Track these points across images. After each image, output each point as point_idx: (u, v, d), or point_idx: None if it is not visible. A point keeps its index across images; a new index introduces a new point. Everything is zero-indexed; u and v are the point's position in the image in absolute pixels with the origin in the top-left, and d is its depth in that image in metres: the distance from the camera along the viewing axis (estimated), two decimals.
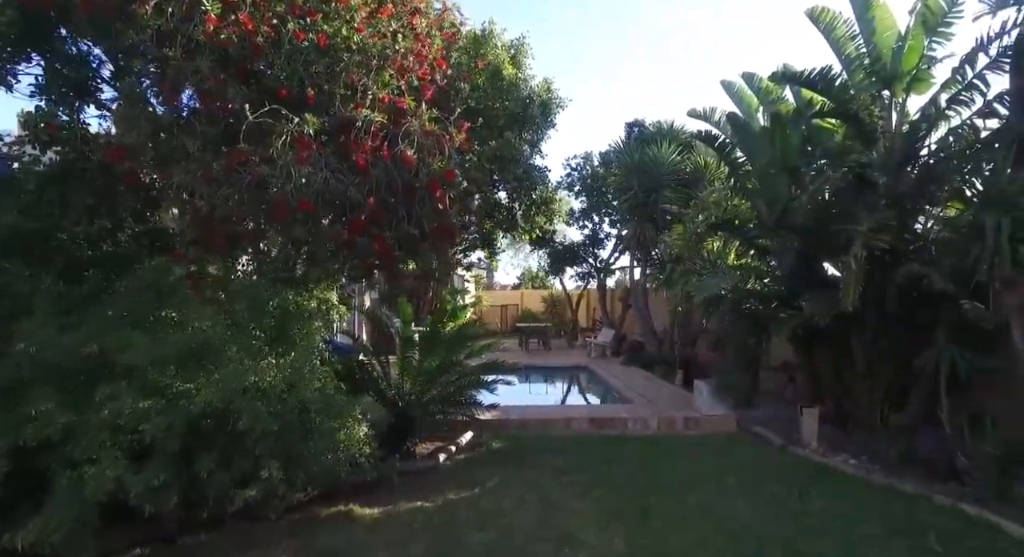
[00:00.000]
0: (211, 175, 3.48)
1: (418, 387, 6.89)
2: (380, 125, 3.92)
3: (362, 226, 3.68)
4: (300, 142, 3.46)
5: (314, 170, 3.63)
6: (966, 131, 5.98)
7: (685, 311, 11.43)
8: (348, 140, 3.71)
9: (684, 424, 7.58)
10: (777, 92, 7.84)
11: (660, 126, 14.09)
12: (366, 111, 3.85)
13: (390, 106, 4.06)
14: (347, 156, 3.77)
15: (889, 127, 6.29)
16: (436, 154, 3.86)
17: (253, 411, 3.63)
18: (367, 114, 3.83)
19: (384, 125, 3.94)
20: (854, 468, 5.71)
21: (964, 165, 5.28)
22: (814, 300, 6.04)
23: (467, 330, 7.04)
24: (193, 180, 3.45)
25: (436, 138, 3.88)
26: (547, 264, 19.41)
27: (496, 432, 7.40)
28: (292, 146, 3.44)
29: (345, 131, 3.82)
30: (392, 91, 4.14)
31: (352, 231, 3.68)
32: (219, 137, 3.84)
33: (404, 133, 3.84)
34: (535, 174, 8.49)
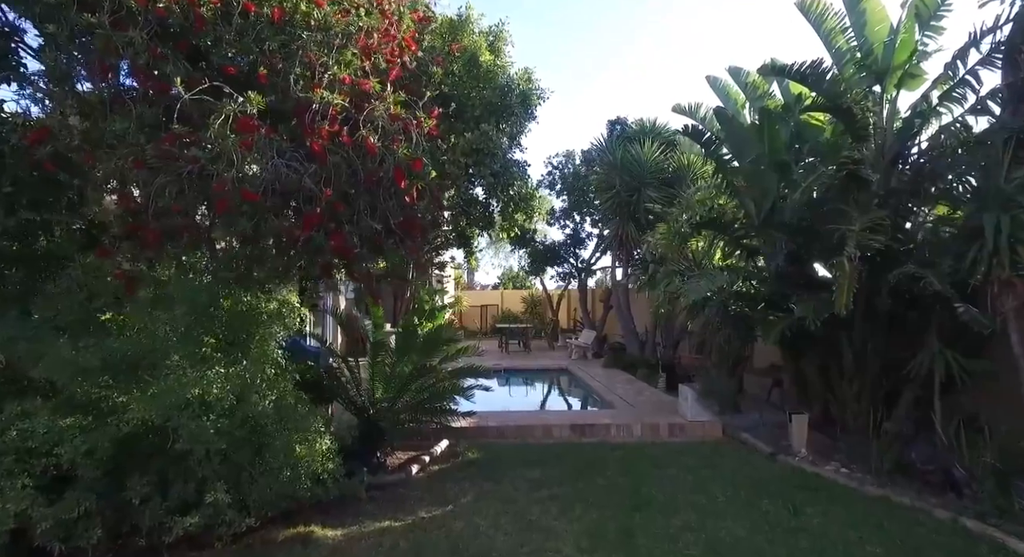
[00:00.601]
0: (143, 161, 3.04)
1: (390, 394, 6.48)
2: (340, 108, 3.52)
3: (318, 220, 3.28)
4: (243, 123, 3.04)
5: (262, 157, 3.22)
6: (958, 128, 5.78)
7: (668, 313, 11.19)
8: (303, 124, 3.31)
9: (668, 431, 7.30)
10: (764, 87, 7.62)
11: (643, 124, 13.86)
12: (324, 92, 3.44)
13: (352, 88, 3.66)
14: (301, 142, 3.36)
15: (880, 123, 6.08)
16: (402, 141, 3.47)
17: (194, 428, 3.21)
18: (324, 95, 3.43)
19: (345, 109, 3.53)
20: (846, 478, 5.47)
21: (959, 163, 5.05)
22: (805, 302, 5.79)
23: (443, 333, 6.65)
24: (124, 166, 3.02)
25: (403, 123, 3.48)
26: (527, 264, 19.04)
27: (473, 440, 7.03)
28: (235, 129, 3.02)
29: (300, 115, 3.41)
30: (355, 72, 3.74)
31: (306, 226, 3.28)
32: (157, 119, 3.39)
33: (367, 117, 3.44)
34: (514, 169, 8.07)
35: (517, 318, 22.30)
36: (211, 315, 3.99)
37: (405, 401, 6.50)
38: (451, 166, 5.45)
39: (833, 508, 4.70)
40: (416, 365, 6.48)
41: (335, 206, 3.30)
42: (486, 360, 15.21)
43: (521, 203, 8.91)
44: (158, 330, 3.66)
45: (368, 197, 3.52)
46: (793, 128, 6.94)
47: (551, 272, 19.15)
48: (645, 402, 8.88)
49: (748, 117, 7.83)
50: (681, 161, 12.49)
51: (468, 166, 6.51)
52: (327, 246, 3.29)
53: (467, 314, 25.59)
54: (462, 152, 6.19)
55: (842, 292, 5.19)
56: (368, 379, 6.57)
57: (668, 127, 13.70)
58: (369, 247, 3.61)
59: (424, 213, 3.85)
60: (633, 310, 14.25)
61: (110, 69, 3.30)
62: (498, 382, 13.41)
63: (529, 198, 9.42)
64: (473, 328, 24.42)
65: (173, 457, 3.30)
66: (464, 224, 8.45)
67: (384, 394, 6.52)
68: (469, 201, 7.94)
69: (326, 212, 3.29)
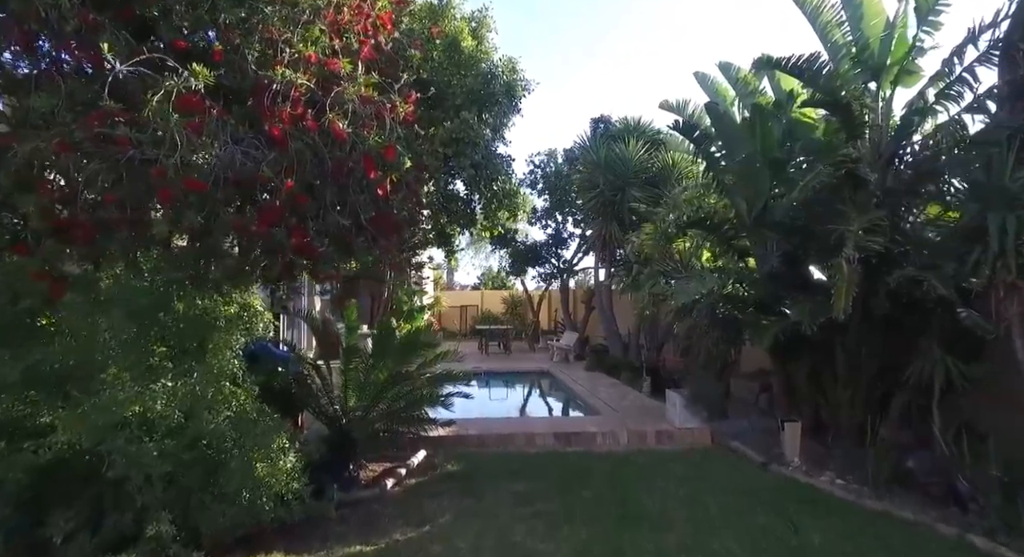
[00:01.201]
0: (70, 143, 2.61)
1: (364, 402, 6.08)
2: (305, 90, 3.12)
3: (276, 214, 2.88)
4: (186, 101, 2.63)
5: (213, 141, 2.81)
6: (956, 127, 5.60)
7: (652, 314, 10.96)
8: (261, 106, 2.91)
9: (656, 438, 7.02)
10: (755, 84, 7.39)
11: (627, 122, 13.63)
12: (286, 70, 3.05)
13: (319, 68, 3.27)
14: (260, 127, 2.96)
15: (876, 121, 5.88)
16: (374, 127, 3.10)
17: (133, 451, 2.79)
18: (287, 74, 3.03)
19: (310, 90, 3.14)
20: (842, 490, 5.24)
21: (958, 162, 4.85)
22: (800, 305, 5.56)
23: (420, 337, 6.27)
24: (45, 149, 2.58)
25: (375, 107, 3.11)
26: (508, 264, 18.69)
27: (453, 450, 6.66)
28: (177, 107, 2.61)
29: (258, 95, 3.01)
30: (322, 50, 3.35)
31: (264, 220, 2.88)
32: (93, 97, 2.96)
33: (335, 100, 3.06)
34: (496, 161, 7.68)
35: (497, 319, 21.95)
36: (159, 321, 3.55)
37: (380, 410, 6.11)
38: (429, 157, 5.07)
39: (832, 524, 4.45)
40: (392, 371, 6.09)
41: (297, 199, 2.91)
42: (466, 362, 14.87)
43: (505, 200, 8.51)
44: (96, 338, 3.22)
45: (336, 190, 3.13)
46: (785, 126, 6.73)
47: (532, 273, 18.85)
48: (630, 407, 8.61)
49: (738, 115, 7.60)
50: (666, 160, 12.28)
51: (447, 157, 6.09)
52: (288, 244, 2.90)
53: (446, 315, 25.16)
54: (441, 142, 5.78)
55: (840, 295, 4.96)
56: (340, 386, 6.16)
57: (653, 126, 13.50)
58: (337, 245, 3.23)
59: (399, 208, 3.48)
60: (616, 311, 14.01)
61: (32, 37, 2.85)
62: (478, 385, 13.07)
63: (513, 194, 9.01)
64: (453, 329, 24.00)
65: (109, 484, 2.87)
66: (444, 221, 8.04)
67: (358, 402, 6.11)
68: (449, 197, 7.53)
69: (287, 205, 2.90)
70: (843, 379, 6.39)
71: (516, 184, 8.89)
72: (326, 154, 3.06)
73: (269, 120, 2.84)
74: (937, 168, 5.30)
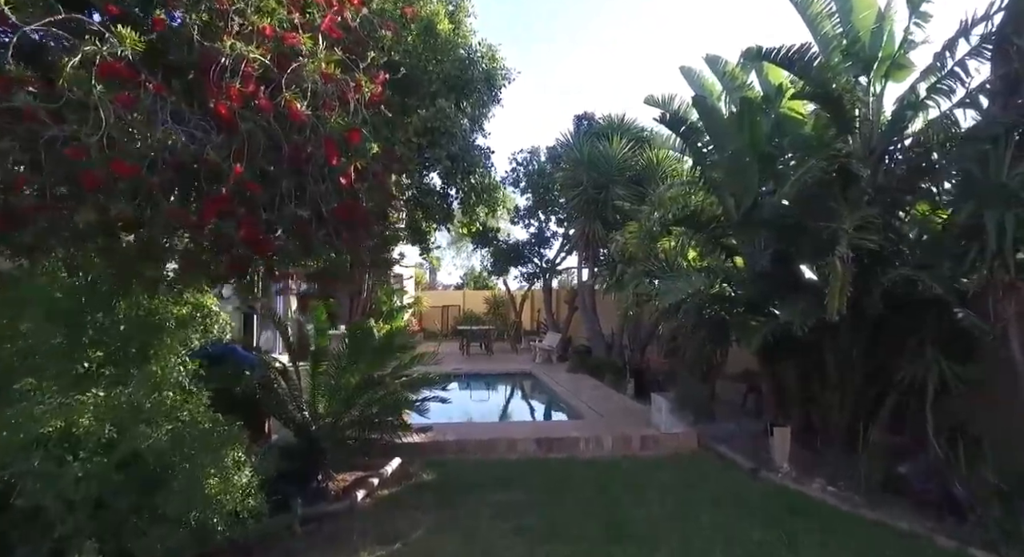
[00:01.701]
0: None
1: (334, 408, 5.73)
2: (259, 66, 2.78)
3: (222, 203, 2.53)
4: (109, 69, 2.28)
5: (148, 119, 2.46)
6: (949, 122, 5.45)
7: (636, 315, 10.74)
8: (206, 82, 2.56)
9: (641, 443, 6.78)
10: (743, 78, 7.20)
11: (611, 120, 13.40)
12: (236, 42, 2.70)
13: (275, 42, 2.93)
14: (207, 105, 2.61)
15: (866, 116, 5.71)
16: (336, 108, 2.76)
17: (47, 475, 2.43)
18: (237, 46, 2.69)
19: (265, 66, 2.80)
20: (835, 498, 5.04)
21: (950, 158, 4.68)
22: (790, 306, 5.36)
23: (395, 339, 5.93)
24: None
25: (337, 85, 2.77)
26: (490, 264, 18.37)
27: (430, 457, 6.33)
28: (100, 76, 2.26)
29: (204, 70, 2.66)
30: (280, 23, 3.01)
31: (207, 210, 2.53)
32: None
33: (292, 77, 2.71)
34: (474, 154, 7.31)
35: (479, 319, 21.61)
36: (95, 323, 3.18)
37: (352, 416, 5.76)
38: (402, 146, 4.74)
39: (828, 536, 4.22)
40: (364, 375, 5.75)
41: (248, 186, 2.56)
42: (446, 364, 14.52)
43: (483, 194, 8.14)
44: (16, 342, 2.84)
45: (294, 177, 2.79)
46: (773, 121, 6.54)
47: (514, 272, 18.55)
48: (614, 410, 8.36)
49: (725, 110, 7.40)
50: (651, 158, 12.09)
51: (422, 147, 5.74)
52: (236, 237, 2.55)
53: (428, 315, 24.74)
54: (415, 131, 5.43)
55: (834, 295, 4.76)
56: (309, 392, 5.80)
57: (637, 123, 13.30)
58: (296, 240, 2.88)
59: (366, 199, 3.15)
60: (599, 312, 13.80)
61: None
62: (459, 387, 12.73)
63: (492, 189, 8.63)
64: (434, 329, 23.60)
65: (21, 512, 2.50)
66: (420, 217, 7.66)
67: (328, 408, 5.77)
68: (425, 191, 7.16)
69: (235, 194, 2.56)
70: (832, 381, 6.21)
71: (496, 179, 8.51)
72: (282, 138, 2.72)
73: (216, 97, 2.49)
74: (931, 164, 5.13)
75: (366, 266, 3.69)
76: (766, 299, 6.02)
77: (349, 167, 2.82)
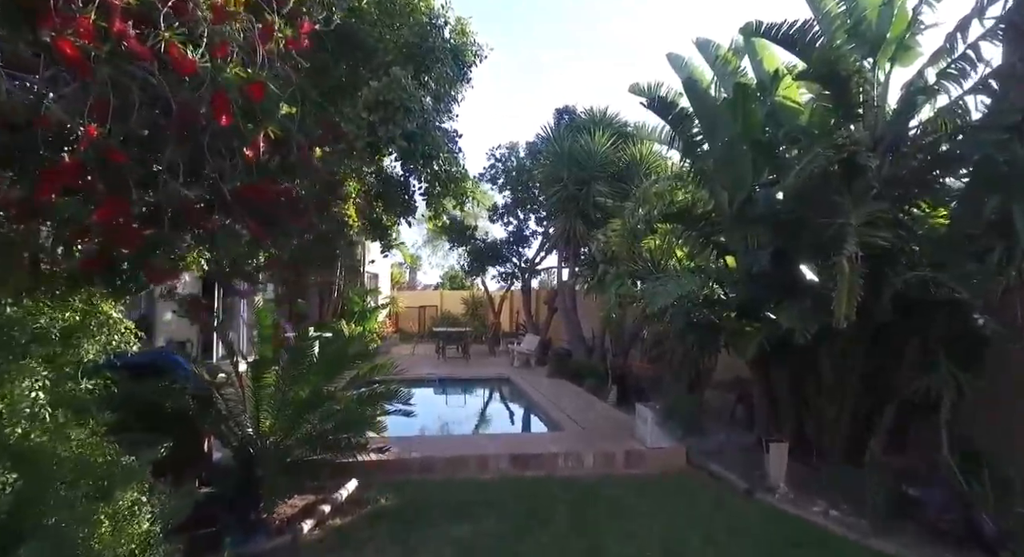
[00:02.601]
0: None
1: (280, 425, 5.05)
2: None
3: (67, 176, 1.86)
4: None
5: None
6: (961, 110, 4.98)
7: (618, 317, 10.21)
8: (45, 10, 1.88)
9: (625, 460, 6.21)
10: (735, 63, 6.67)
11: (593, 113, 12.87)
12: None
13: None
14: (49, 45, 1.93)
15: (872, 102, 5.22)
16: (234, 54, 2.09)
17: None
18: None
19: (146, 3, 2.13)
20: (839, 524, 4.53)
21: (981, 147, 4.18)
22: (790, 310, 4.83)
23: (351, 347, 5.26)
24: None
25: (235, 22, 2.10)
26: (467, 263, 17.71)
27: (391, 477, 5.67)
28: None
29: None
30: None
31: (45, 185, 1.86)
32: None
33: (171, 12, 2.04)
34: (435, 134, 6.55)
35: (457, 320, 20.93)
36: None
37: (301, 435, 5.09)
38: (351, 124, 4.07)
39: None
40: (316, 388, 5.07)
41: (109, 155, 1.90)
42: (420, 368, 13.85)
43: (450, 184, 7.42)
44: None
45: (186, 147, 2.14)
46: (768, 110, 6.04)
47: (492, 272, 17.93)
48: (596, 420, 7.79)
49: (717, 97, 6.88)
50: (634, 154, 11.60)
51: (374, 126, 5.04)
52: (89, 221, 1.89)
53: (404, 316, 24.00)
54: (366, 105, 4.74)
55: (842, 299, 4.23)
56: (252, 407, 5.11)
57: (620, 118, 12.80)
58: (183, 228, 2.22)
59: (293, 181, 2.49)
60: (580, 313, 13.26)
61: None
62: (434, 391, 12.07)
63: (460, 179, 7.90)
64: (411, 331, 22.87)
65: None
66: (379, 209, 6.94)
67: (273, 426, 5.08)
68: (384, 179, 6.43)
69: (90, 164, 1.89)
70: (829, 391, 5.73)
71: (464, 167, 7.80)
72: (168, 93, 2.05)
73: (56, 31, 1.83)
74: (947, 155, 4.65)
75: (288, 265, 3.02)
76: (761, 302, 5.50)
77: (257, 135, 2.17)
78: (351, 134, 4.31)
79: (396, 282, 32.19)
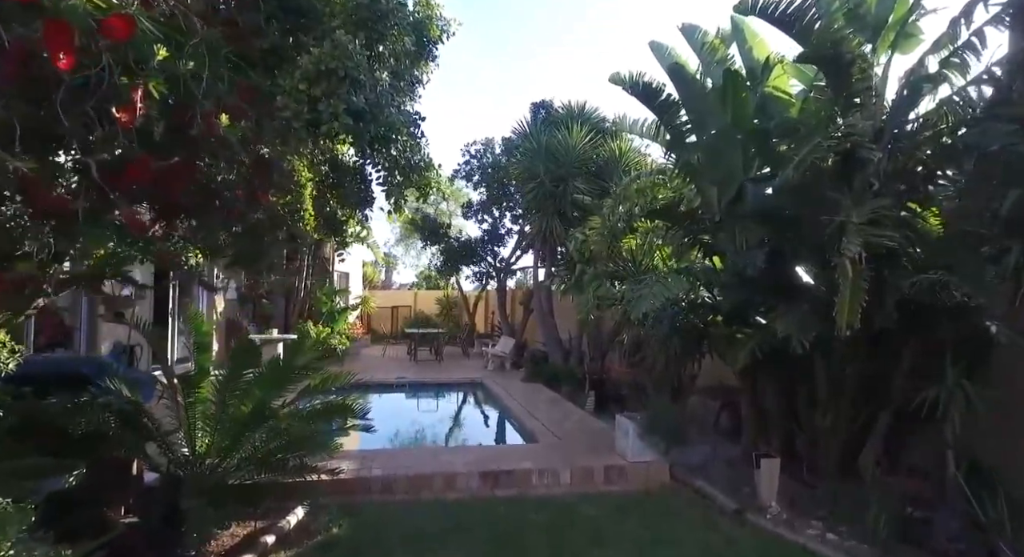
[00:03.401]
0: None
1: (220, 445, 4.45)
2: None
3: None
4: None
5: None
6: (964, 100, 4.65)
7: (596, 319, 9.77)
8: None
9: (605, 476, 5.75)
10: (722, 51, 6.26)
11: (571, 108, 12.43)
12: None
13: None
14: None
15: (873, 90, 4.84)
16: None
17: None
18: None
19: None
20: (840, 551, 4.12)
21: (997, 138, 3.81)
22: (787, 316, 4.42)
23: (300, 357, 4.65)
24: None
25: None
26: (439, 262, 17.11)
27: (348, 499, 5.10)
28: None
29: None
30: None
31: None
32: None
33: None
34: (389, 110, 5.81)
35: (431, 321, 20.29)
36: None
37: (244, 455, 4.49)
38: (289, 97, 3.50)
39: None
40: (260, 403, 4.47)
41: None
42: (390, 371, 13.23)
43: (412, 173, 6.73)
44: None
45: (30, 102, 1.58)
46: (758, 101, 5.65)
47: (467, 272, 17.37)
48: (573, 431, 7.32)
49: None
50: (613, 150, 11.19)
51: (316, 100, 4.37)
52: None
53: (376, 316, 23.26)
54: (305, 76, 4.10)
55: (844, 305, 3.84)
56: (186, 425, 4.49)
57: (599, 113, 12.37)
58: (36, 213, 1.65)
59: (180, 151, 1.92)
60: (557, 314, 12.81)
61: None
62: (405, 396, 11.48)
63: (425, 167, 7.23)
64: (383, 331, 22.14)
65: None
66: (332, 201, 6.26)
67: (210, 446, 4.48)
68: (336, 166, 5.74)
69: None
70: (823, 402, 5.36)
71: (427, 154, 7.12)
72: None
73: None
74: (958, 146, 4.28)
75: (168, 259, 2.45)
76: (752, 307, 5.09)
77: (134, 93, 1.62)
78: (286, 106, 3.68)
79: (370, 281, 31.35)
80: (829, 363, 5.18)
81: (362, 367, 14.34)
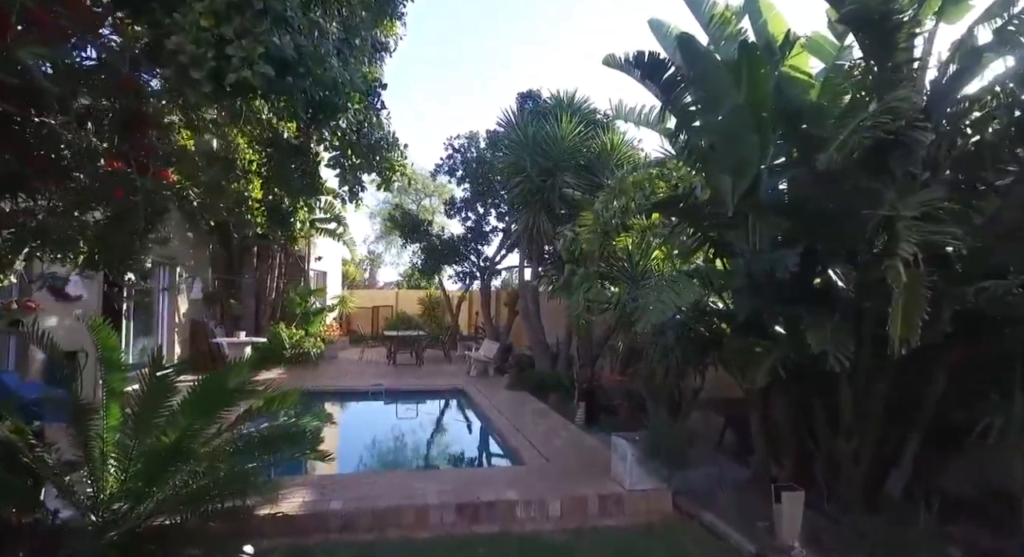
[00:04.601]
0: None
1: (133, 485, 3.64)
2: None
3: None
4: None
5: None
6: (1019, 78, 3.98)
7: (586, 323, 9.06)
8: None
9: (599, 507, 5.02)
10: (733, 25, 5.57)
11: (559, 98, 11.69)
12: None
13: None
14: None
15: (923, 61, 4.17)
16: None
17: None
18: None
19: None
20: None
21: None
22: (817, 329, 3.72)
23: (229, 379, 3.83)
24: None
25: None
26: (420, 261, 16.29)
27: (301, 541, 4.33)
28: None
29: None
30: None
31: None
32: None
33: None
34: (333, 65, 4.74)
35: (413, 322, 19.44)
36: None
37: (164, 497, 3.67)
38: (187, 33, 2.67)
39: None
40: (184, 434, 3.65)
41: None
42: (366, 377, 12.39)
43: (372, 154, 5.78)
44: None
45: None
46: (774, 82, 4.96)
47: (449, 271, 16.57)
48: (563, 449, 6.58)
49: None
50: (605, 143, 10.49)
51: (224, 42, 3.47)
52: None
53: (356, 316, 22.36)
54: (209, 7, 3.18)
55: (897, 317, 3.15)
56: (89, 461, 3.67)
57: (589, 104, 11.65)
58: None
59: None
60: (544, 317, 12.08)
61: None
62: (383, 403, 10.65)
63: (387, 148, 6.28)
64: (364, 332, 21.22)
65: None
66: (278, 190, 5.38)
67: (124, 486, 3.66)
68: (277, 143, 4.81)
69: None
70: (847, 424, 4.68)
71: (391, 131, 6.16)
72: None
73: None
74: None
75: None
76: (772, 316, 4.39)
77: None
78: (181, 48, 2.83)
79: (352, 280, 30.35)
80: (853, 379, 4.51)
81: (336, 372, 13.55)
